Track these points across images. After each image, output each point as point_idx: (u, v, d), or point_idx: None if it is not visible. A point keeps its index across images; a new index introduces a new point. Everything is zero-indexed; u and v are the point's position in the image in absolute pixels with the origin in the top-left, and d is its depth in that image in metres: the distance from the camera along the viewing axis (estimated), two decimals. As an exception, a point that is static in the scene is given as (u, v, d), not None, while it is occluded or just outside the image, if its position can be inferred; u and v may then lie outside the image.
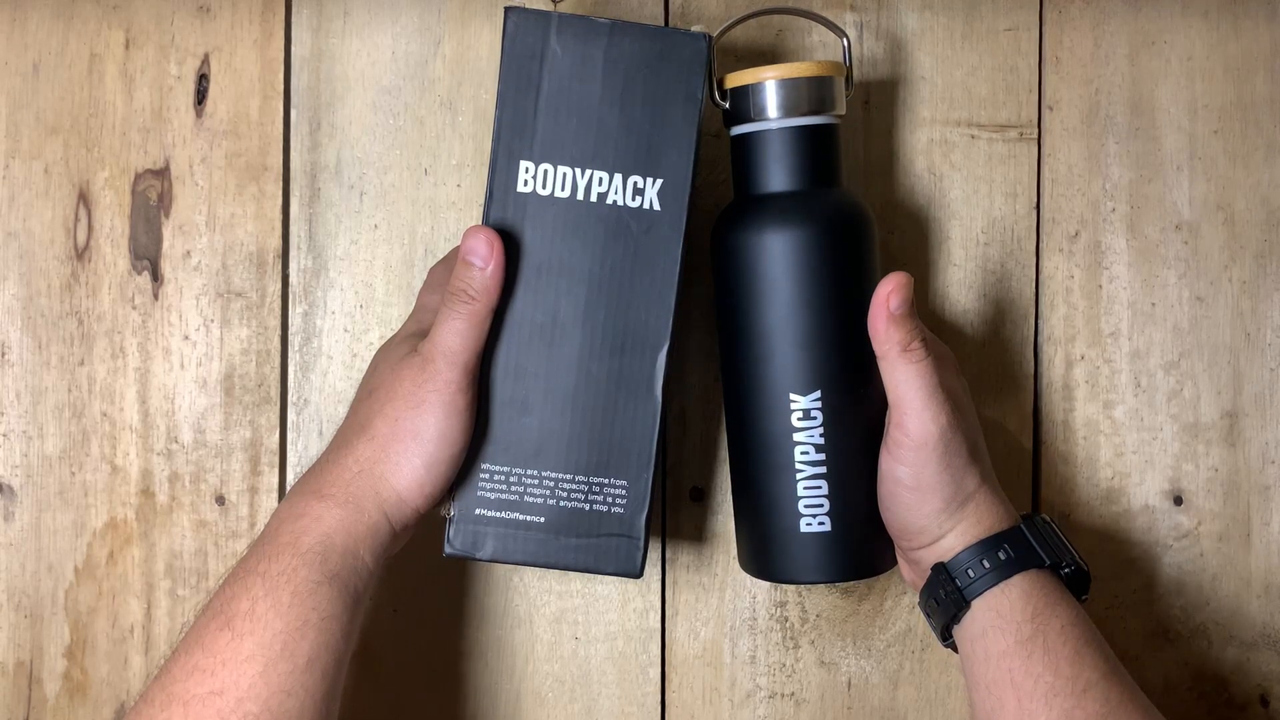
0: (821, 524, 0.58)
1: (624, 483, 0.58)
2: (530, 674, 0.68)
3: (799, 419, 0.58)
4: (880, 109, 0.67)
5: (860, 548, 0.59)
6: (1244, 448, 0.67)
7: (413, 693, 0.68)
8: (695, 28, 0.57)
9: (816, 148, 0.59)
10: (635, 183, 0.57)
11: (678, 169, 0.57)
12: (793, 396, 0.58)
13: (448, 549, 0.58)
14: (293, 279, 0.68)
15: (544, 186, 0.57)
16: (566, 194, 0.57)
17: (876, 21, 0.67)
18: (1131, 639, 0.67)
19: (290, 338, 0.68)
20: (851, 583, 0.67)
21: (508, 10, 0.57)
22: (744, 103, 0.59)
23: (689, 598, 0.67)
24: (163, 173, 0.68)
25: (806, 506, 0.58)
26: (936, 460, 0.55)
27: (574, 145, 0.57)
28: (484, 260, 0.56)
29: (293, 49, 0.68)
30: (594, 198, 0.57)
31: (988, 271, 0.67)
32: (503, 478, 0.58)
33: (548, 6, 0.67)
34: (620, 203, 0.57)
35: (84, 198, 0.68)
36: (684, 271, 0.58)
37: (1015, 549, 0.56)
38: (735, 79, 0.59)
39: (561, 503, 0.58)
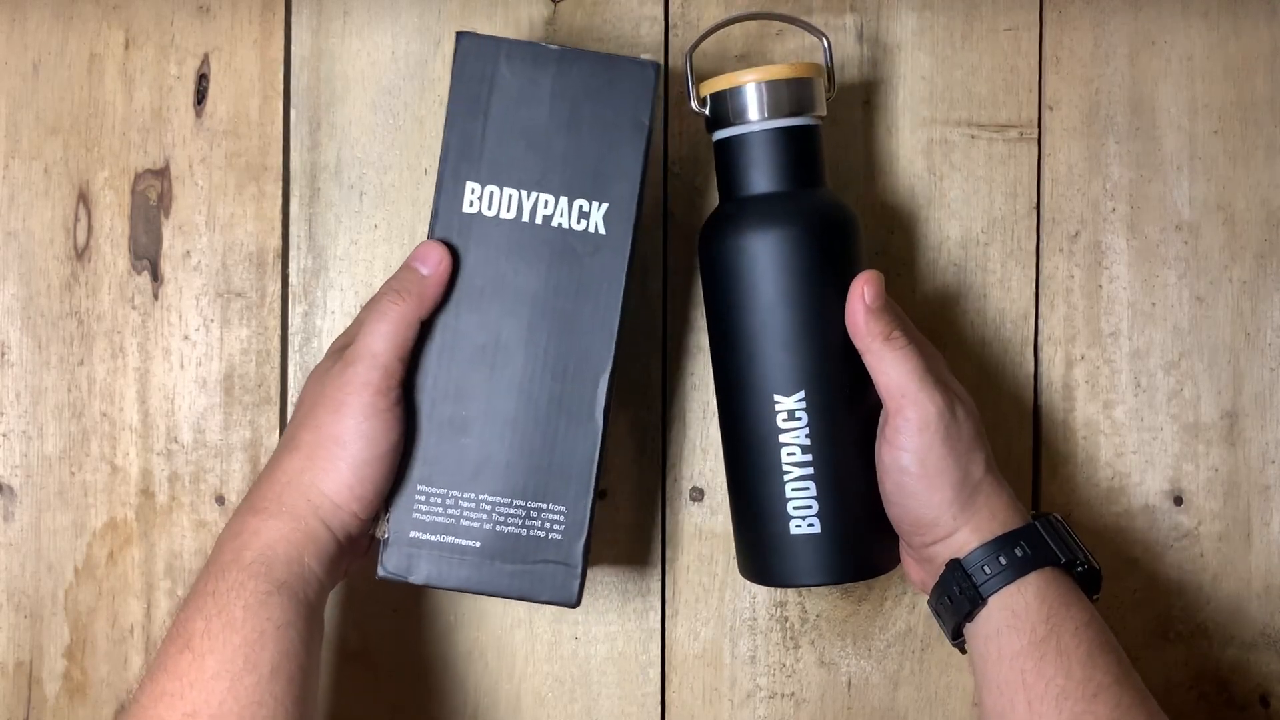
0: (811, 525, 0.58)
1: (562, 508, 0.57)
2: (530, 674, 0.68)
3: (784, 420, 0.58)
4: (880, 109, 0.67)
5: (853, 549, 0.59)
6: (1244, 448, 0.67)
7: (413, 693, 0.68)
8: (645, 56, 0.57)
9: (798, 148, 0.59)
10: (581, 206, 0.57)
11: (623, 195, 0.57)
12: (777, 398, 0.58)
13: (380, 571, 0.57)
14: (293, 279, 0.68)
15: (489, 208, 0.57)
16: (512, 215, 0.57)
17: (876, 21, 0.67)
18: (1131, 639, 0.67)
19: (290, 338, 0.68)
20: (851, 583, 0.67)
21: (459, 35, 0.57)
22: (723, 107, 0.59)
23: (689, 598, 0.67)
24: (163, 173, 0.68)
25: (795, 508, 0.58)
26: (940, 441, 0.55)
27: (520, 168, 0.57)
28: (429, 268, 0.56)
29: (293, 49, 0.68)
30: (539, 220, 0.57)
31: (988, 271, 0.67)
32: (439, 500, 0.57)
33: (548, 6, 0.67)
34: (565, 225, 0.57)
35: (84, 198, 0.68)
36: (630, 296, 0.57)
37: (1031, 546, 0.55)
38: (713, 84, 0.59)
39: (498, 527, 0.57)
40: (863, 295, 0.56)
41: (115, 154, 0.68)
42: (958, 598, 0.56)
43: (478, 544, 0.57)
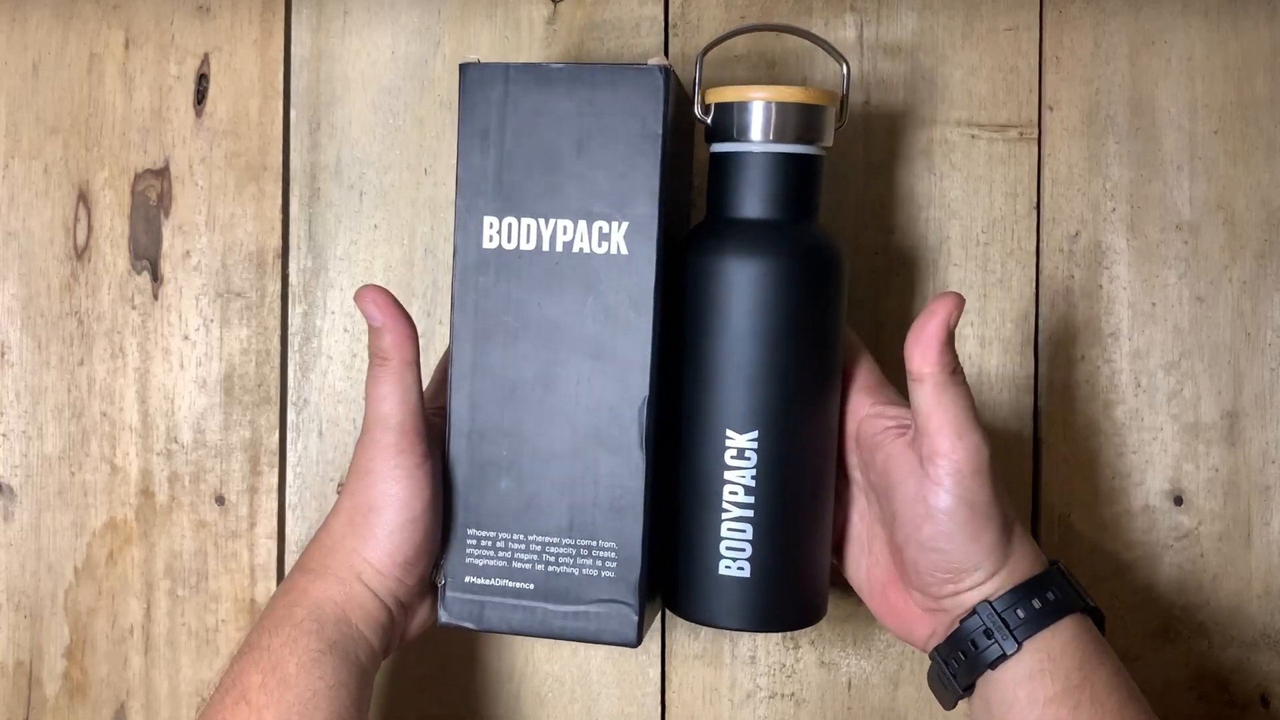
0: (740, 569, 0.55)
1: (613, 544, 0.55)
2: (530, 674, 0.68)
3: (732, 457, 0.55)
4: (880, 109, 0.67)
5: (778, 599, 0.56)
6: (1244, 448, 0.67)
7: (412, 693, 0.68)
8: (652, 60, 0.55)
9: (797, 178, 0.56)
10: (600, 228, 0.55)
11: (643, 211, 0.54)
12: (729, 433, 0.55)
13: (441, 618, 0.57)
14: (293, 279, 0.68)
15: (509, 240, 0.55)
16: (532, 246, 0.55)
17: (877, 21, 0.67)
18: (1131, 639, 0.67)
19: (290, 338, 0.68)
20: (848, 585, 0.67)
21: (463, 67, 0.56)
22: (728, 120, 0.56)
23: (689, 598, 0.67)
24: (162, 173, 0.68)
25: (728, 548, 0.55)
26: (991, 483, 0.53)
27: (536, 196, 0.55)
28: (379, 320, 0.55)
29: (293, 49, 0.68)
30: (559, 247, 0.55)
31: (988, 271, 0.67)
32: (489, 543, 0.56)
33: (548, 6, 0.67)
34: (587, 250, 0.55)
35: (84, 198, 0.68)
36: (661, 314, 0.55)
37: (1060, 590, 0.54)
38: (720, 94, 0.56)
39: (550, 568, 0.56)
40: (947, 321, 0.52)
41: (115, 154, 0.68)
42: (984, 643, 0.53)
43: (531, 586, 0.56)
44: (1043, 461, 0.67)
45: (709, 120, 0.57)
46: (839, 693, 0.67)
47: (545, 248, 0.55)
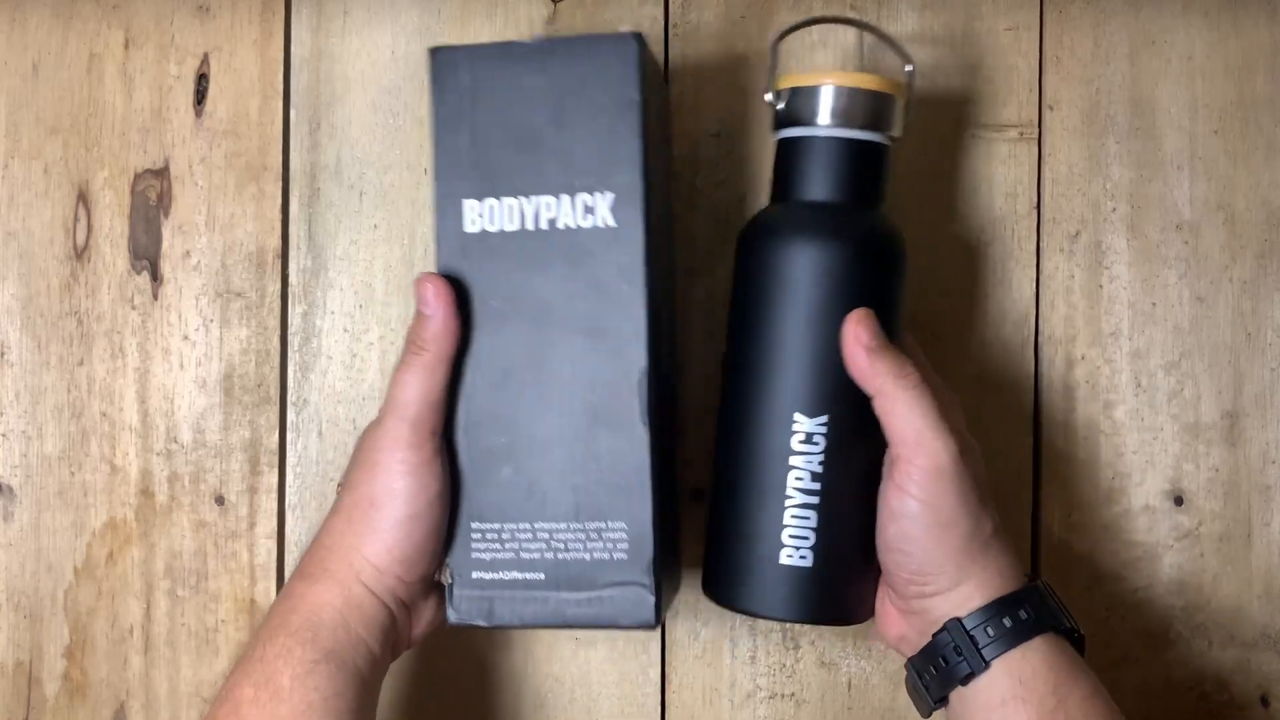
0: (804, 558, 0.54)
1: (622, 525, 0.54)
2: (530, 674, 0.68)
3: (800, 441, 0.54)
4: (880, 109, 0.67)
5: (839, 590, 0.56)
6: (1244, 448, 0.67)
7: (411, 695, 0.68)
8: (624, 28, 0.54)
9: (869, 163, 0.56)
10: (585, 201, 0.53)
11: (627, 180, 0.53)
12: (797, 417, 0.54)
13: (450, 617, 0.55)
14: (292, 279, 0.68)
15: (492, 222, 0.54)
16: (516, 226, 0.54)
17: (876, 21, 0.67)
18: (1131, 639, 0.67)
19: (290, 338, 0.68)
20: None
21: (431, 51, 0.55)
22: (801, 105, 0.56)
23: (689, 598, 0.67)
24: (162, 173, 0.68)
25: (791, 537, 0.54)
26: (954, 491, 0.52)
27: (516, 174, 0.54)
28: (430, 308, 0.54)
29: (292, 49, 0.68)
30: (544, 225, 0.54)
31: (988, 271, 0.67)
32: (495, 535, 0.55)
33: (548, 6, 0.67)
34: (572, 225, 0.53)
35: (83, 198, 0.68)
36: (654, 286, 0.54)
37: (1034, 609, 0.53)
38: (792, 80, 0.56)
39: (559, 555, 0.54)
40: (857, 338, 0.53)
41: (115, 154, 0.68)
42: (954, 659, 0.53)
43: (542, 575, 0.54)
44: (1043, 461, 0.67)
45: (781, 105, 0.57)
46: (839, 693, 0.67)
47: (529, 226, 0.54)
